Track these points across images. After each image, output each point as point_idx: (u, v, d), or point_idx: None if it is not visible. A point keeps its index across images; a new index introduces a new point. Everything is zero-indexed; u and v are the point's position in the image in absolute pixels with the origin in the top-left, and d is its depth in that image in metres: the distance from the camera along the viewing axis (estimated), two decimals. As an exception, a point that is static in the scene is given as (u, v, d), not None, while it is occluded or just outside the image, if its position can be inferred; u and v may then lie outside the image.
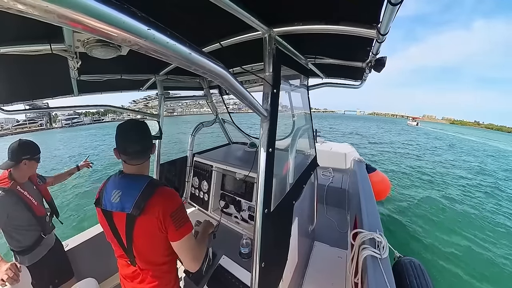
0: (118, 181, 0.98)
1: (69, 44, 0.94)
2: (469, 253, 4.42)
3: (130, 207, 0.90)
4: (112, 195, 0.94)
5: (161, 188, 0.96)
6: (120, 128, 0.96)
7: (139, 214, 0.90)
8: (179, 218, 0.94)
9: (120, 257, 1.05)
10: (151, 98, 2.89)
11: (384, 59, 1.26)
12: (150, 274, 1.02)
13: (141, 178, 0.98)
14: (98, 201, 0.99)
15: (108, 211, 0.96)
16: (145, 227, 0.93)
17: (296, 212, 1.34)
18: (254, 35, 1.07)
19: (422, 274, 1.44)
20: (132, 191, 0.93)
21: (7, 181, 1.48)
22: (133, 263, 1.01)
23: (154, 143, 1.05)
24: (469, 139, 36.83)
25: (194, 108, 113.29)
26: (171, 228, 0.92)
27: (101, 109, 4.44)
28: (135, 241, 0.95)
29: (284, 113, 1.89)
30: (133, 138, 0.97)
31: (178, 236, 0.94)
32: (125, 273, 1.07)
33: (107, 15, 0.30)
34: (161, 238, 0.95)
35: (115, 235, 0.98)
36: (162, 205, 0.92)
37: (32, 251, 1.57)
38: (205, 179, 2.04)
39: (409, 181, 8.89)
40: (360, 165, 3.46)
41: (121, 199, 0.93)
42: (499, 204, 7.08)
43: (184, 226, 0.95)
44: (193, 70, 0.48)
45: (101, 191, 1.00)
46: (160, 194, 0.94)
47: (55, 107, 1.88)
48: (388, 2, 0.58)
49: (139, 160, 0.99)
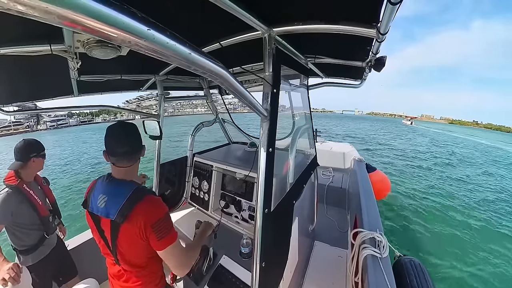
0: (105, 186, 0.97)
1: (69, 44, 0.94)
2: (469, 253, 4.43)
3: (115, 214, 0.89)
4: (98, 199, 0.95)
5: (146, 196, 0.95)
6: (109, 129, 0.95)
7: (122, 222, 0.89)
8: (160, 228, 0.92)
9: (106, 255, 1.07)
10: (143, 98, 2.89)
11: (384, 59, 1.26)
12: (134, 274, 1.03)
13: (128, 184, 0.97)
14: (85, 203, 0.99)
15: (95, 214, 0.97)
16: (127, 234, 0.93)
17: (296, 212, 1.34)
18: (254, 35, 1.07)
19: (422, 274, 1.44)
20: (118, 197, 0.92)
21: (14, 179, 1.49)
22: (117, 263, 1.02)
23: (143, 145, 1.04)
24: (475, 141, 33.96)
25: (188, 108, 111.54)
26: (152, 238, 0.92)
27: (98, 109, 4.40)
28: (118, 245, 0.96)
29: (284, 113, 1.89)
30: (122, 140, 0.96)
31: (160, 246, 0.94)
32: (112, 272, 1.09)
33: (107, 16, 0.30)
34: (143, 245, 0.95)
35: (102, 237, 0.99)
36: (144, 215, 0.91)
37: (35, 250, 1.57)
38: (205, 179, 2.04)
39: (408, 180, 8.89)
40: (360, 165, 3.46)
41: (106, 205, 0.92)
42: (500, 204, 7.09)
43: (166, 236, 0.93)
44: (193, 70, 0.48)
45: (88, 192, 1.01)
46: (145, 203, 0.93)
47: (55, 107, 1.88)
48: (388, 1, 0.58)
49: (128, 162, 0.98)
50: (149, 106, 21.34)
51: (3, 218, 1.40)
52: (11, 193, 1.45)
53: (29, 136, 1.75)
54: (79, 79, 1.42)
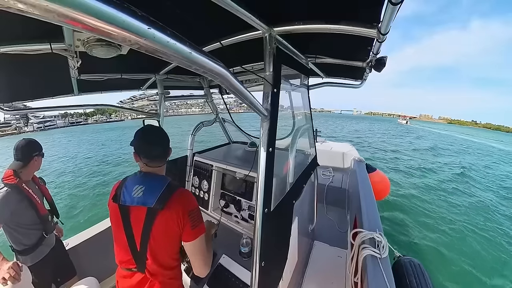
0: (140, 178, 1.01)
1: (69, 43, 0.94)
2: (469, 253, 4.43)
3: (153, 202, 0.93)
4: (134, 190, 0.97)
5: (180, 188, 1.02)
6: (142, 133, 1.01)
7: (162, 208, 0.92)
8: (195, 217, 0.99)
9: (125, 263, 1.03)
10: (136, 99, 2.91)
11: (385, 59, 1.26)
12: (159, 280, 1.01)
13: (162, 177, 1.04)
14: (116, 197, 0.99)
15: (125, 207, 0.98)
16: (164, 221, 0.95)
17: (296, 212, 1.34)
18: (254, 34, 1.06)
19: (422, 274, 1.44)
20: (155, 187, 0.97)
21: (13, 178, 1.49)
22: (141, 268, 1.00)
23: (170, 147, 1.10)
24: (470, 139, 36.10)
25: (182, 108, 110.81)
26: (187, 226, 0.96)
27: (98, 108, 4.40)
28: (151, 238, 0.96)
29: (285, 112, 1.89)
30: (156, 143, 1.03)
31: (192, 236, 0.97)
32: (127, 286, 1.03)
33: (107, 14, 0.30)
34: (176, 236, 0.98)
35: (128, 234, 0.98)
36: (183, 203, 0.97)
37: (35, 250, 1.57)
38: (205, 179, 2.04)
39: (408, 181, 8.90)
40: (360, 165, 3.46)
41: (144, 194, 0.95)
42: (501, 204, 7.08)
43: (198, 226, 0.99)
44: (194, 69, 0.48)
45: (118, 187, 1.02)
46: (180, 193, 0.99)
47: (55, 107, 1.88)
48: (388, 1, 0.58)
49: (160, 162, 1.05)
50: (142, 106, 21.47)
51: (2, 216, 1.40)
52: (10, 192, 1.44)
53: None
54: (79, 78, 1.42)
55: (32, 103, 1.69)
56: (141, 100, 7.98)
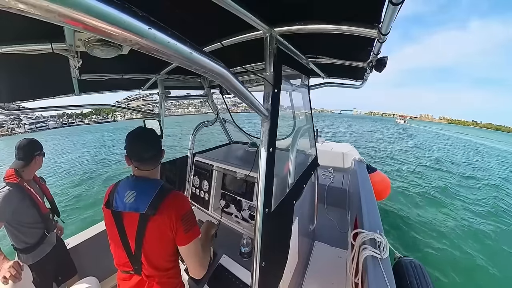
0: (132, 183, 0.99)
1: (70, 43, 0.94)
2: (470, 254, 4.41)
3: (145, 207, 0.92)
4: (125, 196, 0.95)
5: (173, 191, 0.99)
6: (132, 136, 0.98)
7: (154, 214, 0.91)
8: (188, 221, 0.96)
9: (122, 265, 1.03)
10: (131, 99, 2.91)
11: (385, 59, 1.26)
12: (156, 281, 1.01)
13: (155, 181, 1.01)
14: (108, 203, 0.98)
15: (118, 213, 0.96)
16: (157, 227, 0.94)
17: (296, 212, 1.34)
18: (255, 34, 1.06)
19: (423, 275, 1.44)
20: (147, 192, 0.95)
21: (15, 177, 1.50)
22: (138, 271, 1.00)
23: (163, 148, 1.08)
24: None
25: (179, 109, 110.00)
26: (180, 230, 0.94)
27: (98, 108, 4.41)
28: (145, 243, 0.95)
29: (285, 112, 1.89)
30: (147, 145, 1.00)
31: (185, 240, 0.95)
32: (127, 287, 1.04)
33: (108, 15, 0.30)
34: (170, 239, 0.96)
35: (122, 239, 0.98)
36: (174, 207, 0.95)
37: (36, 249, 1.58)
38: (205, 179, 2.04)
39: (407, 181, 8.88)
40: (361, 165, 3.46)
41: (136, 199, 0.94)
42: (502, 204, 7.06)
43: (192, 229, 0.97)
44: (194, 69, 0.48)
45: (110, 193, 1.01)
46: (173, 197, 0.97)
47: (55, 107, 1.88)
48: (389, 2, 0.58)
49: (152, 165, 1.02)
50: (138, 106, 21.45)
51: (4, 215, 1.40)
52: (12, 191, 1.45)
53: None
54: (80, 78, 1.42)
55: (33, 103, 1.69)
56: (136, 100, 7.99)
